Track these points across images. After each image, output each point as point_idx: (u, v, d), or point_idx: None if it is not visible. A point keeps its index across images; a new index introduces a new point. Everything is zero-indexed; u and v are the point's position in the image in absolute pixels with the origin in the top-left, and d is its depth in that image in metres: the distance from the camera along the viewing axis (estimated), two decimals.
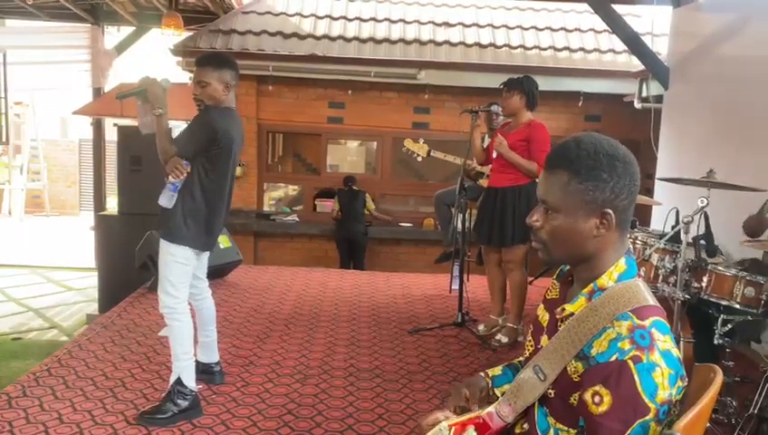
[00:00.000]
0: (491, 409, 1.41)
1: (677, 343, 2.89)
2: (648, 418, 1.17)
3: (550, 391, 1.33)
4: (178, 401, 2.96)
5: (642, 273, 3.09)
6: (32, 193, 13.96)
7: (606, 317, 1.25)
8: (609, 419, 1.18)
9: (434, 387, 3.51)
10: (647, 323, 1.22)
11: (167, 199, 2.96)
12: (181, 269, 3.01)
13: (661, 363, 1.18)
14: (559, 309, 1.38)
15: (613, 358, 1.20)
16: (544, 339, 1.43)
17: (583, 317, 1.28)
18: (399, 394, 3.40)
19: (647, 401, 1.16)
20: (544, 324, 1.46)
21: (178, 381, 2.98)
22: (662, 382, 1.17)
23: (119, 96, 3.10)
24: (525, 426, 1.42)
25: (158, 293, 3.03)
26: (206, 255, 3.27)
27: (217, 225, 3.12)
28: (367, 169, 8.62)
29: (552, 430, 1.34)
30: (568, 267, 1.48)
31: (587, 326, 1.27)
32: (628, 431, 1.16)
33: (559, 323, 1.36)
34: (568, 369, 1.29)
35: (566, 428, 1.31)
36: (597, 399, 1.19)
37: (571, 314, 1.33)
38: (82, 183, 14.07)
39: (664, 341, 1.21)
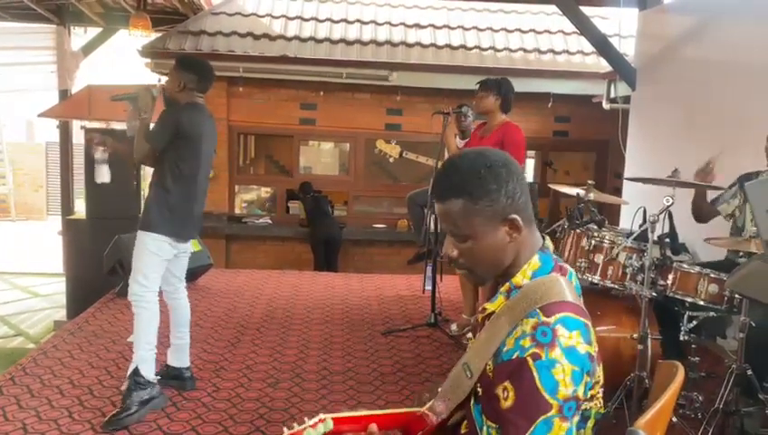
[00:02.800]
0: (427, 405, 1.43)
1: (645, 340, 2.93)
2: (550, 414, 1.18)
3: (479, 388, 1.35)
4: (138, 393, 2.97)
5: (610, 271, 3.14)
6: None
7: (519, 315, 1.28)
8: (513, 414, 1.20)
9: (407, 388, 3.51)
10: (552, 319, 1.23)
11: (106, 175, 3.13)
12: (152, 259, 3.06)
13: (562, 360, 1.19)
14: (480, 308, 1.41)
15: (515, 355, 1.23)
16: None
17: (500, 315, 1.32)
18: (373, 396, 3.39)
19: (547, 397, 1.18)
20: (480, 322, 1.49)
21: (136, 372, 2.99)
22: (563, 379, 1.18)
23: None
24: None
25: (129, 282, 3.08)
26: (185, 255, 3.30)
27: (192, 213, 3.17)
28: (340, 170, 8.60)
29: (485, 428, 1.34)
30: None
31: (502, 325, 1.30)
32: (532, 427, 1.18)
33: (485, 322, 1.39)
34: (486, 367, 1.31)
35: (494, 425, 1.31)
36: (505, 394, 1.22)
37: (492, 313, 1.36)
38: (49, 187, 13.79)
39: (569, 337, 1.22)
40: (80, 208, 7.88)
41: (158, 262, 3.07)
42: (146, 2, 7.25)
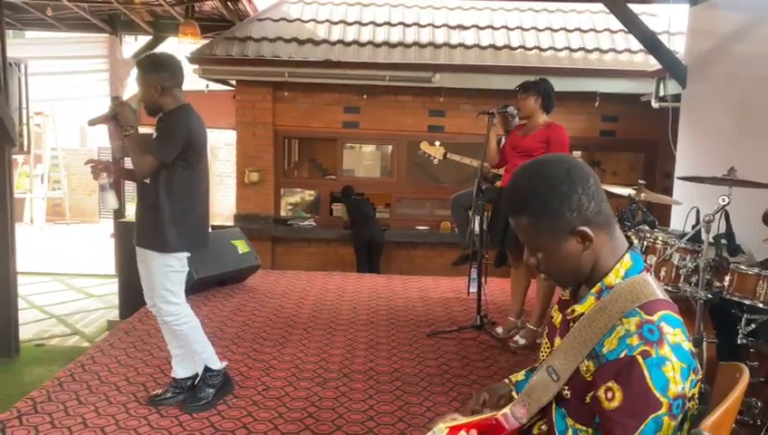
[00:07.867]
0: (506, 410, 1.41)
1: (700, 343, 2.86)
2: (660, 412, 1.17)
3: (566, 391, 1.34)
4: (214, 383, 3.16)
5: (663, 273, 3.07)
6: (52, 202, 14.13)
7: (615, 315, 1.26)
8: (621, 414, 1.18)
9: (454, 390, 3.51)
10: (655, 317, 1.23)
11: (113, 201, 3.04)
12: (179, 277, 3.06)
13: (671, 357, 1.18)
14: (569, 310, 1.39)
15: (623, 354, 1.21)
16: (557, 340, 1.44)
17: (593, 317, 1.30)
18: (419, 397, 3.40)
19: (658, 395, 1.17)
20: (557, 325, 1.48)
21: (206, 369, 3.15)
22: (673, 377, 1.18)
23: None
24: (543, 428, 1.44)
25: (158, 304, 3.03)
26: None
27: (206, 220, 3.15)
28: (383, 172, 8.63)
29: (570, 431, 1.34)
30: None
31: (597, 326, 1.28)
32: (642, 426, 1.17)
33: (570, 324, 1.37)
34: (581, 368, 1.30)
35: (584, 427, 1.31)
36: (609, 395, 1.20)
37: (581, 314, 1.34)
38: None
39: (674, 334, 1.21)
40: (131, 212, 8.12)
41: (182, 277, 3.06)
42: (194, 10, 7.44)
